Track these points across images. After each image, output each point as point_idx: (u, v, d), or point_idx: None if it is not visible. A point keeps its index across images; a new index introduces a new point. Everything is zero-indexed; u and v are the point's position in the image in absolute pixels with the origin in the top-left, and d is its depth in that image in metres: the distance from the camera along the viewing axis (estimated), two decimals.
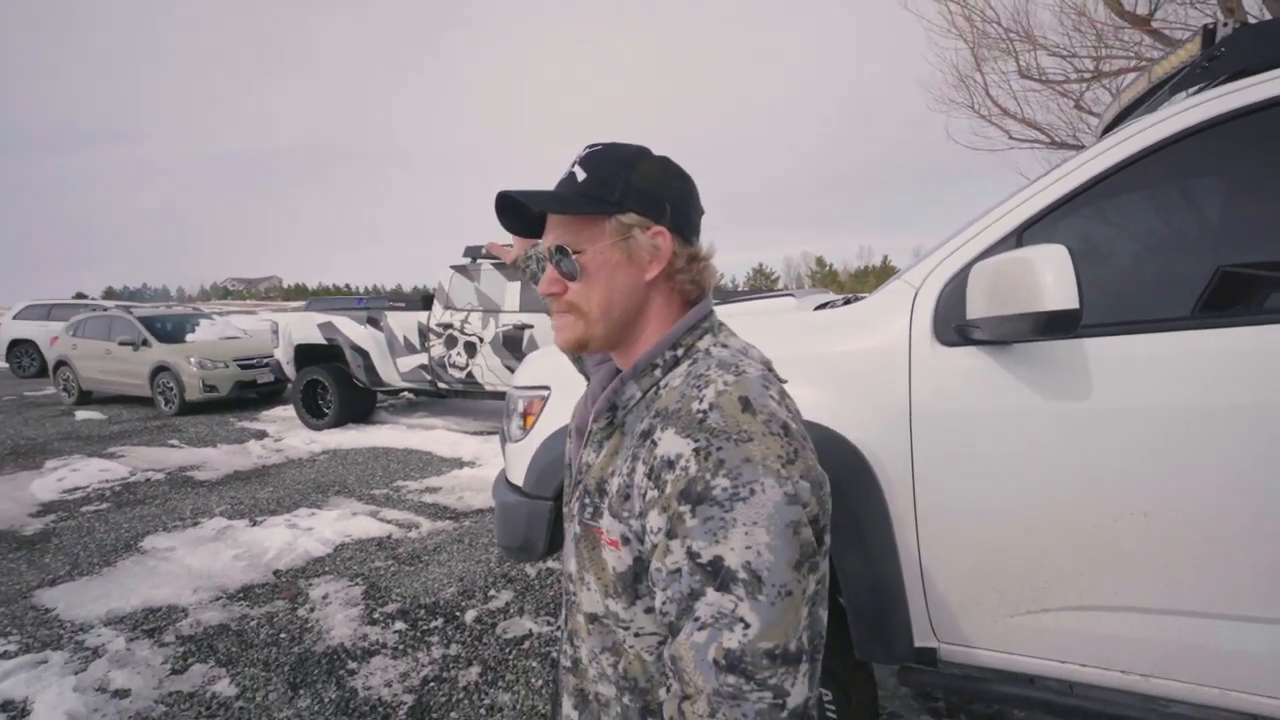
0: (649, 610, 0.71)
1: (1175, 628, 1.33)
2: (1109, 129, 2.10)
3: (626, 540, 0.70)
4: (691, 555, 0.60)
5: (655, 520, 0.64)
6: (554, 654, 1.94)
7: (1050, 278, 1.18)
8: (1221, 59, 1.43)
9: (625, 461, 0.71)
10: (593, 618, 0.77)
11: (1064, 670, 1.44)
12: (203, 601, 3.34)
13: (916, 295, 1.50)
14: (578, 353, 0.88)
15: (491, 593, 3.40)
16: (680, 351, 0.75)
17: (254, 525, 4.45)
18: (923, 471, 1.44)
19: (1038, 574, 1.40)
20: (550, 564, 3.70)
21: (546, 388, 1.98)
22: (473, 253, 7.38)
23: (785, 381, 0.77)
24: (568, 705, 0.84)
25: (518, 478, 2.02)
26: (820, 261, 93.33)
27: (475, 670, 2.68)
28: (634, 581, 0.71)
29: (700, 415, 0.64)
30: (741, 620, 0.57)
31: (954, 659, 1.53)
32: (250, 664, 2.76)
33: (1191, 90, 1.46)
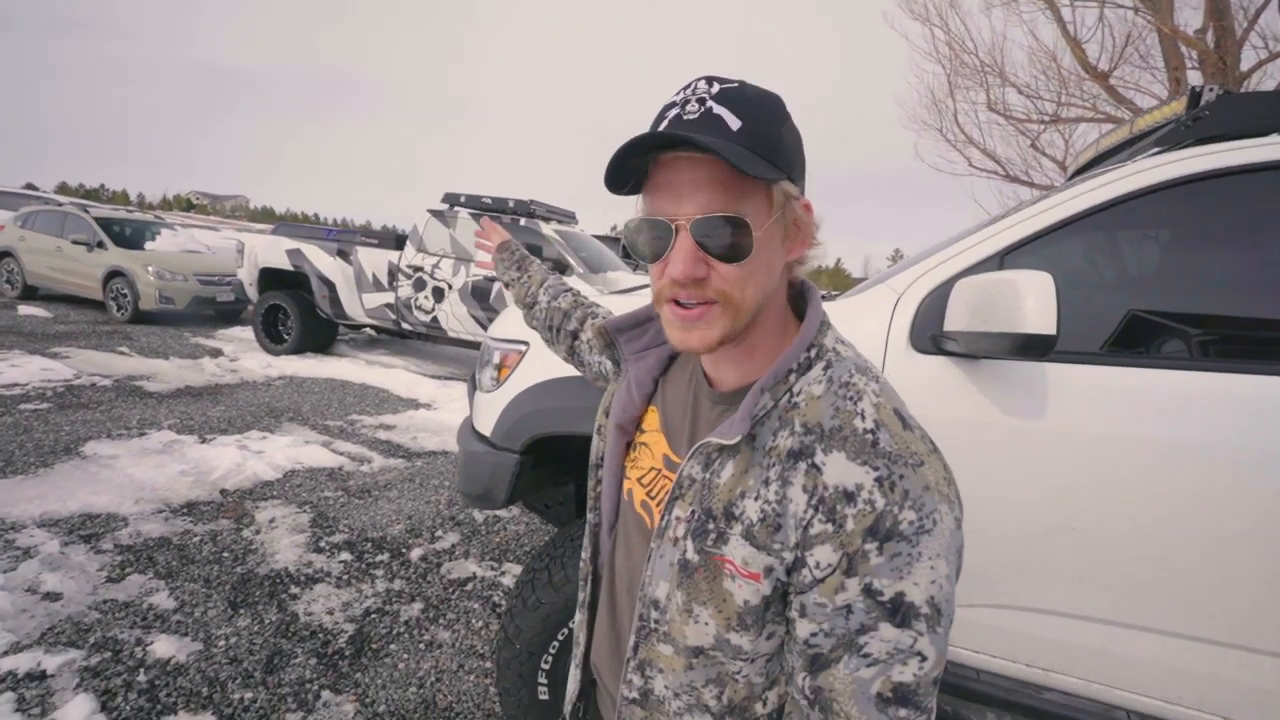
0: (770, 636, 0.61)
1: (1079, 631, 1.39)
2: (1082, 170, 2.13)
3: (770, 571, 0.58)
4: (870, 593, 0.53)
5: (826, 556, 0.54)
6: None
7: (1032, 302, 1.17)
8: (1205, 121, 1.45)
9: (769, 485, 0.58)
10: (697, 651, 0.63)
11: (975, 660, 1.50)
12: (144, 513, 3.15)
13: (899, 301, 1.48)
14: (705, 353, 0.65)
15: (439, 533, 3.34)
16: (814, 352, 0.61)
17: (203, 442, 4.22)
18: None
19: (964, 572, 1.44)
20: (499, 513, 3.66)
21: (525, 343, 1.90)
22: (451, 199, 7.10)
23: None
24: None
25: (485, 427, 1.95)
26: None
27: (417, 606, 2.63)
28: (764, 611, 0.60)
29: (870, 437, 0.55)
30: (919, 654, 0.52)
31: None
32: (190, 579, 2.63)
33: (1173, 146, 1.48)
